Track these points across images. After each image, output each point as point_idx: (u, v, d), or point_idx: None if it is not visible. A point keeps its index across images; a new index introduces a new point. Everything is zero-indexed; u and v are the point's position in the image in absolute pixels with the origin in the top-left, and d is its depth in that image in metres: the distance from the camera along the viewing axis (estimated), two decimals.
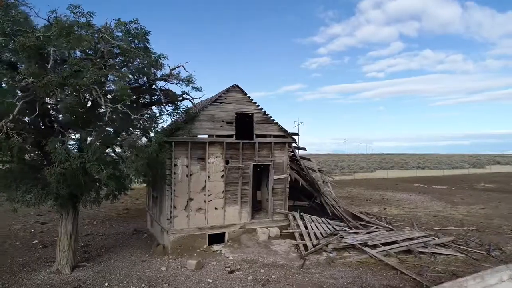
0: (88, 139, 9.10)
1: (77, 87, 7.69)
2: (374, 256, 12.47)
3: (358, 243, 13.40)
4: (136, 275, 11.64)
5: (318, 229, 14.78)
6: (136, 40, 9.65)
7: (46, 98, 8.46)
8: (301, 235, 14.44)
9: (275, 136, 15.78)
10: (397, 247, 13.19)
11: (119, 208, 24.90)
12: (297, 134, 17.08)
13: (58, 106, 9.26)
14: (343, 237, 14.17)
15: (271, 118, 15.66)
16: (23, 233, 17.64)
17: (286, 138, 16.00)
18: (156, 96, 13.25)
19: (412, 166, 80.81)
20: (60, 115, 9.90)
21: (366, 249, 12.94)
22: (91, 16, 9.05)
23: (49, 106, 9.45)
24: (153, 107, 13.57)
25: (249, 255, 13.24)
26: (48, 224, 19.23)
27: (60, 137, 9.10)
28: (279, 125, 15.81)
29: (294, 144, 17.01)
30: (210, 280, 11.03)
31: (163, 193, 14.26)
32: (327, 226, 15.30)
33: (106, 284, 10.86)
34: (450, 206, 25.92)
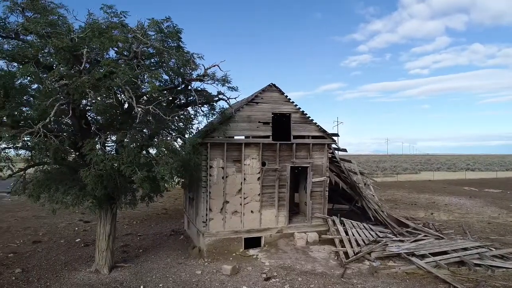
0: (124, 141, 9.00)
1: (110, 88, 7.60)
2: (423, 267, 11.47)
3: (404, 252, 12.43)
4: (171, 278, 11.50)
5: (360, 236, 13.93)
6: (169, 39, 9.47)
7: (82, 100, 8.47)
8: (341, 241, 13.67)
9: (314, 137, 15.11)
10: (449, 258, 12.07)
11: (158, 208, 25.29)
12: (337, 135, 16.29)
13: (92, 107, 9.25)
14: (387, 244, 13.23)
15: (310, 118, 15.01)
16: (68, 231, 18.27)
17: (326, 139, 15.27)
18: (191, 97, 13.08)
19: (461, 167, 76.15)
20: (97, 117, 9.94)
21: (413, 259, 11.96)
22: (124, 16, 8.98)
23: (86, 108, 9.49)
24: (189, 108, 13.44)
25: (286, 261, 12.69)
26: (91, 223, 19.77)
27: (96, 138, 9.09)
28: (318, 125, 15.11)
29: (333, 145, 16.22)
30: (246, 287, 10.63)
31: (199, 195, 14.09)
32: (369, 233, 14.40)
33: (142, 287, 10.80)
34: (506, 212, 23.81)
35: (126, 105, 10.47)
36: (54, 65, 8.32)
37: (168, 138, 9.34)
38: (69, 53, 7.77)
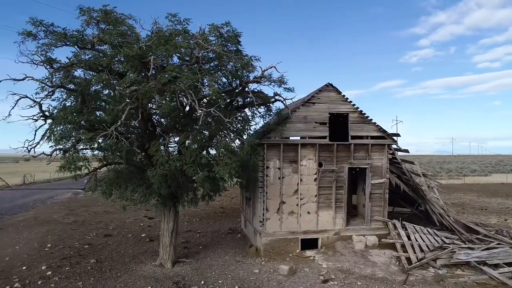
0: (187, 142, 9.45)
1: (174, 92, 8.05)
2: (496, 277, 10.59)
3: (474, 261, 11.57)
4: (230, 275, 11.81)
5: (424, 241, 13.21)
6: (228, 43, 9.78)
7: (149, 104, 9.06)
8: (403, 246, 13.08)
9: (373, 137, 14.63)
10: None
11: (215, 206, 26.08)
12: (397, 135, 15.60)
13: (157, 111, 9.84)
14: (454, 252, 12.40)
15: (368, 118, 14.56)
16: (134, 226, 19.55)
17: (386, 139, 14.71)
18: (248, 99, 13.34)
19: None
20: (161, 119, 10.56)
21: (485, 268, 11.09)
22: (186, 23, 9.46)
23: (151, 111, 10.13)
24: (246, 110, 13.72)
25: (345, 264, 12.44)
26: (154, 219, 20.97)
27: (161, 140, 9.66)
28: (377, 125, 14.61)
29: (394, 146, 15.56)
30: None
31: (256, 195, 14.31)
32: (434, 238, 13.60)
33: (202, 282, 11.23)
34: None
35: (187, 108, 11.01)
36: (126, 73, 9.00)
37: (227, 139, 9.64)
38: (138, 61, 8.38)
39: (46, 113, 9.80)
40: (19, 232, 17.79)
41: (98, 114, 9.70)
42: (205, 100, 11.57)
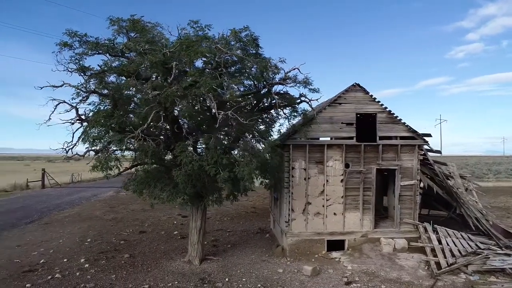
0: (209, 143, 9.80)
1: (195, 96, 8.43)
2: None
3: (510, 268, 10.97)
4: (254, 274, 12.05)
5: (456, 246, 12.69)
6: (248, 47, 10.03)
7: (174, 107, 9.53)
8: (433, 250, 12.66)
9: (402, 138, 14.26)
10: None
11: (247, 206, 26.48)
12: (429, 135, 15.07)
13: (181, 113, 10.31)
14: (488, 257, 11.82)
15: (398, 118, 14.22)
16: (168, 224, 20.35)
17: (416, 139, 14.28)
18: (274, 100, 13.52)
19: None
20: (186, 122, 11.03)
21: None
22: (208, 29, 9.85)
23: (176, 114, 10.63)
24: (272, 111, 13.91)
25: (370, 266, 12.26)
26: (188, 218, 21.53)
27: (186, 141, 10.10)
28: (407, 125, 14.22)
29: (426, 147, 15.06)
30: None
31: (282, 195, 14.46)
32: (467, 243, 13.01)
33: (227, 279, 11.56)
34: None
35: (213, 111, 11.42)
36: (153, 77, 9.57)
37: (248, 141, 9.89)
38: (162, 67, 8.87)
39: (82, 116, 10.56)
40: (63, 227, 19.16)
41: (129, 117, 10.31)
42: (228, 103, 12.01)
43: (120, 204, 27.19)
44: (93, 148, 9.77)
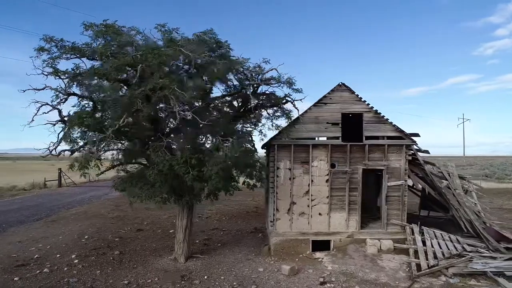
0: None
1: (161, 98, 8.70)
2: None
3: (491, 271, 10.65)
4: (234, 272, 12.20)
5: (441, 248, 12.41)
6: (215, 49, 10.21)
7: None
8: (416, 252, 12.43)
9: (390, 138, 14.06)
10: None
11: (250, 206, 26.65)
12: (417, 135, 14.78)
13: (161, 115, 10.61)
14: (472, 260, 11.51)
15: (384, 118, 14.04)
16: (167, 223, 20.77)
17: (403, 139, 14.05)
18: (257, 101, 13.68)
19: None
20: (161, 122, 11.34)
21: (500, 279, 10.17)
22: (176, 32, 10.11)
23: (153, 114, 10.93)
24: (258, 111, 14.05)
25: (350, 267, 12.17)
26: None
27: (160, 142, 10.37)
28: (394, 125, 14.01)
29: (415, 147, 14.78)
30: None
31: (268, 195, 14.55)
32: (454, 245, 12.69)
33: (205, 277, 11.77)
34: None
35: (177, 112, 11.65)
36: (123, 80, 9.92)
37: (217, 141, 10.06)
38: (124, 70, 9.19)
39: (65, 118, 11.02)
40: (67, 224, 19.91)
41: (105, 118, 10.69)
42: (213, 104, 12.23)
43: (126, 203, 27.77)
44: (69, 148, 10.17)
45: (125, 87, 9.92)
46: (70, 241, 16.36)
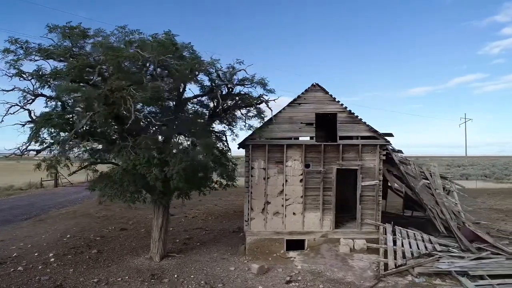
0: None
1: (116, 98, 8.84)
2: None
3: (456, 270, 10.66)
4: (205, 271, 12.31)
5: (411, 247, 12.43)
6: (175, 51, 10.33)
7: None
8: (387, 251, 12.45)
9: (364, 138, 14.10)
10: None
11: (239, 205, 26.64)
12: (390, 135, 14.81)
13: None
14: (439, 259, 11.53)
15: (358, 118, 14.08)
16: (151, 222, 20.90)
17: (377, 139, 14.07)
18: (233, 101, 13.81)
19: None
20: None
21: (463, 279, 10.18)
22: (138, 34, 10.25)
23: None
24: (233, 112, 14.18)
25: (319, 266, 12.23)
26: (174, 216, 22.18)
27: (125, 142, 10.51)
28: (368, 125, 14.05)
29: (390, 147, 14.80)
30: (261, 287, 10.75)
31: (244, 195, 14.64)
32: (425, 245, 12.70)
33: (175, 276, 11.89)
34: None
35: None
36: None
37: (178, 140, 10.18)
38: (83, 71, 9.34)
39: (36, 118, 11.19)
40: (53, 224, 20.14)
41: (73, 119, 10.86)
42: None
43: (116, 202, 28.10)
44: (37, 148, 10.34)
45: (89, 88, 10.01)
46: (52, 240, 16.56)
